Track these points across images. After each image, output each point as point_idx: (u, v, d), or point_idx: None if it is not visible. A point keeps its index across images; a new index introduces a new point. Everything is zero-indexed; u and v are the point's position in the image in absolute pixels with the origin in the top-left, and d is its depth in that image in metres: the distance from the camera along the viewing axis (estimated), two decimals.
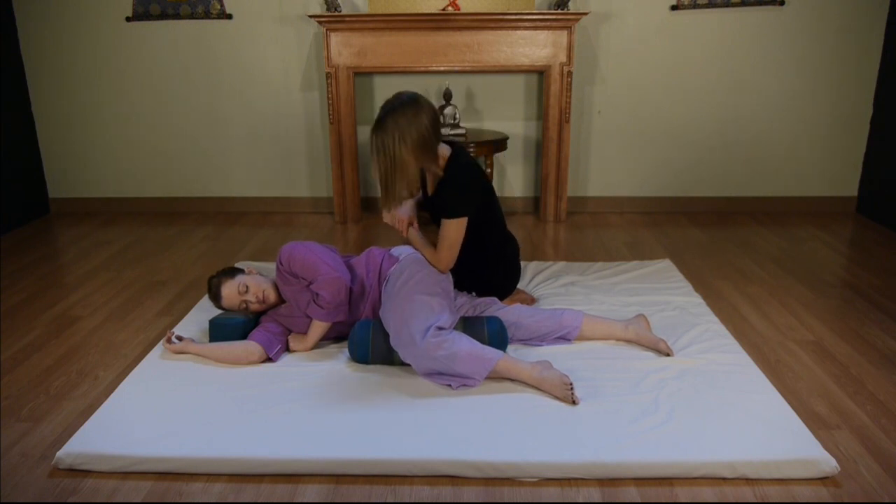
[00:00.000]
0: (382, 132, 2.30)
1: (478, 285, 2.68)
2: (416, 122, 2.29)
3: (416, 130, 2.29)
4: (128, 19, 4.13)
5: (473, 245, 2.57)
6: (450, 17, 3.83)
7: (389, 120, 2.29)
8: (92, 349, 2.58)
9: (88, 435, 1.94)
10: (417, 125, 2.29)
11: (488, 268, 2.67)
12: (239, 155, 4.38)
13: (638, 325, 2.47)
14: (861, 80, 4.06)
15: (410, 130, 2.28)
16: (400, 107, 2.31)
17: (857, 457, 1.88)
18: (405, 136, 2.28)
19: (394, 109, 2.30)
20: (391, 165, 2.31)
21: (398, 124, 2.28)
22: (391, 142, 2.28)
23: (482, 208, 2.52)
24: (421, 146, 2.32)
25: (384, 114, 2.31)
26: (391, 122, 2.29)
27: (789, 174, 4.26)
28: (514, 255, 2.76)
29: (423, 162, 2.39)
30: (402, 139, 2.28)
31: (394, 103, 2.32)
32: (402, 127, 2.28)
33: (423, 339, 2.12)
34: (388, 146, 2.29)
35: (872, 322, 2.72)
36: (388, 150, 2.29)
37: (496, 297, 2.69)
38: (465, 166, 2.45)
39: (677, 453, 1.82)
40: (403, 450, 1.85)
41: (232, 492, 1.78)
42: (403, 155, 2.29)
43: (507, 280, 2.75)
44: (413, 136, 2.29)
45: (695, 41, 4.04)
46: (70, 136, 4.39)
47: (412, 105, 2.32)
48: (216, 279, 2.52)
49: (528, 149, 4.32)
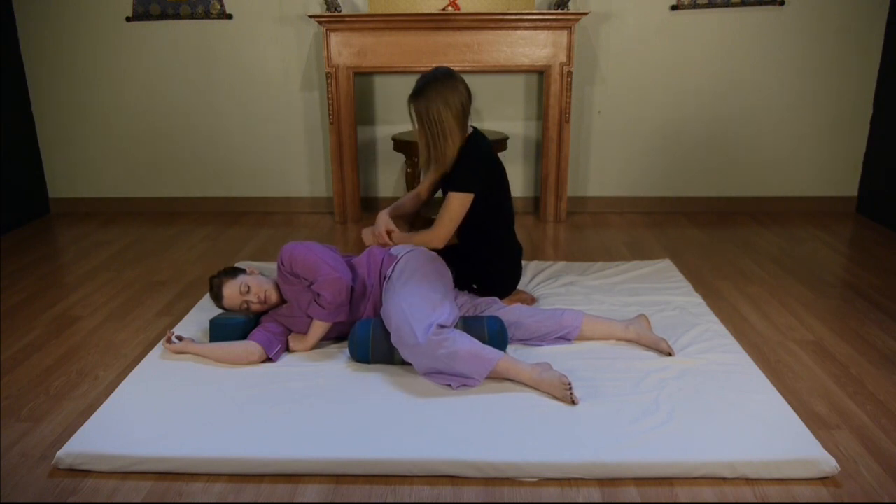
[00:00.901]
0: (426, 99, 2.46)
1: (481, 277, 2.69)
2: (457, 91, 2.47)
3: (458, 98, 2.47)
4: (128, 19, 4.13)
5: (480, 232, 2.63)
6: (450, 17, 3.83)
7: (432, 89, 2.46)
8: (92, 349, 2.58)
9: (88, 435, 1.94)
10: (459, 94, 2.47)
11: (493, 260, 2.69)
12: (239, 155, 4.38)
13: (639, 325, 2.47)
14: (861, 80, 4.06)
15: (454, 98, 2.46)
16: (442, 77, 2.48)
17: (857, 457, 1.88)
18: (449, 103, 2.45)
19: (435, 79, 2.47)
20: (437, 129, 2.47)
21: (441, 92, 2.45)
22: (436, 108, 2.45)
23: (492, 191, 2.58)
24: (462, 114, 2.49)
25: (425, 84, 2.47)
26: (434, 91, 2.45)
27: (789, 174, 4.26)
28: (517, 254, 2.78)
29: (460, 131, 2.52)
30: (446, 105, 2.44)
31: (434, 74, 2.49)
32: (446, 95, 2.45)
33: (425, 336, 2.12)
34: (433, 112, 2.45)
35: (872, 322, 2.72)
36: (433, 115, 2.45)
37: (497, 294, 2.70)
38: (482, 145, 2.57)
39: (677, 453, 1.82)
40: (403, 450, 1.85)
41: (232, 492, 1.78)
42: (449, 120, 2.46)
43: (509, 277, 2.76)
44: (456, 104, 2.46)
45: (695, 41, 4.04)
46: (70, 136, 4.39)
47: (451, 76, 2.49)
48: (217, 279, 2.52)
49: (528, 149, 4.32)
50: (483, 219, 2.61)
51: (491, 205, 2.60)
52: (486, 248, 2.67)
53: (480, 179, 2.52)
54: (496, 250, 2.69)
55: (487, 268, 2.69)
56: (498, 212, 2.65)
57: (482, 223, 2.63)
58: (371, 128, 4.29)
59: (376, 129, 4.29)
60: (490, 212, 2.62)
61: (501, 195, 2.65)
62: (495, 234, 2.67)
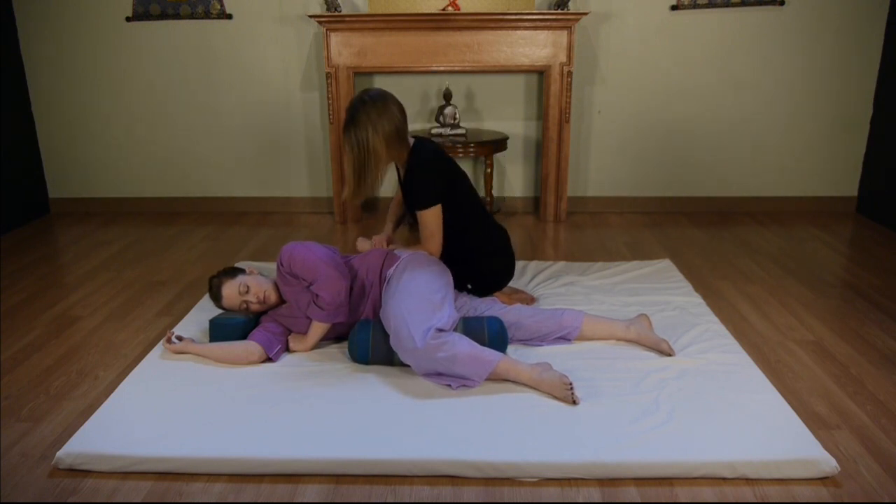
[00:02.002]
0: (356, 126, 2.39)
1: (474, 272, 2.68)
2: (387, 114, 2.40)
3: (389, 121, 2.40)
4: (128, 19, 4.13)
5: (456, 231, 2.61)
6: (450, 17, 3.83)
7: (361, 114, 2.39)
8: (92, 349, 2.58)
9: (88, 435, 1.94)
10: (389, 116, 2.40)
11: (480, 251, 2.68)
12: (239, 155, 4.38)
13: (640, 325, 2.47)
14: (861, 80, 4.06)
15: (383, 122, 2.39)
16: (370, 101, 2.41)
17: (857, 457, 1.88)
18: (377, 128, 2.38)
19: (364, 104, 2.40)
20: (365, 157, 2.40)
21: (370, 117, 2.38)
22: (365, 134, 2.38)
23: (452, 192, 2.56)
24: (394, 137, 2.42)
25: (354, 110, 2.41)
26: (363, 116, 2.39)
27: (789, 174, 4.26)
28: (502, 238, 2.75)
29: (395, 153, 2.48)
30: (375, 131, 2.38)
31: (363, 98, 2.42)
32: (374, 119, 2.38)
33: (423, 340, 2.12)
34: (361, 139, 2.38)
35: (872, 322, 2.72)
36: (362, 142, 2.39)
37: (495, 284, 2.71)
38: (424, 156, 2.52)
39: (677, 453, 1.82)
40: (403, 450, 1.85)
41: (232, 492, 1.78)
42: (377, 146, 2.39)
43: (501, 264, 2.74)
44: (386, 128, 2.39)
45: (695, 41, 4.04)
46: (70, 136, 4.39)
47: (381, 99, 2.42)
48: (217, 279, 2.52)
49: (528, 149, 4.32)
50: (454, 218, 2.61)
51: (455, 203, 2.60)
52: (466, 243, 2.66)
53: (438, 189, 2.51)
54: (477, 243, 2.68)
55: (475, 263, 2.68)
56: (464, 207, 2.65)
57: (455, 222, 2.63)
58: None
59: None
60: (457, 209, 2.61)
61: (460, 191, 2.63)
62: (469, 228, 2.67)
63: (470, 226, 2.66)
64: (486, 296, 2.70)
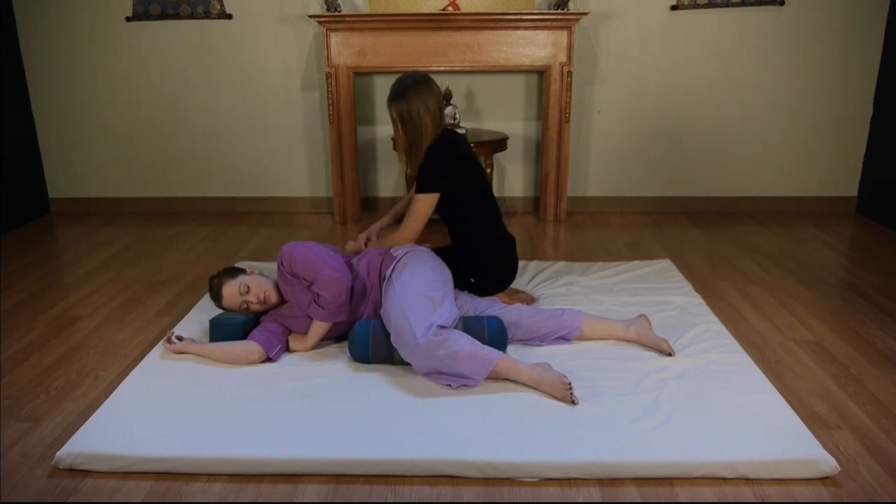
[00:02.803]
0: (408, 101, 2.53)
1: (477, 271, 2.69)
2: (434, 94, 2.55)
3: (435, 101, 2.55)
4: (128, 19, 4.13)
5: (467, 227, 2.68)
6: (450, 17, 3.83)
7: (412, 91, 2.52)
8: (92, 349, 2.58)
9: (88, 435, 1.94)
10: (436, 96, 2.55)
11: (486, 252, 2.70)
12: (239, 155, 4.38)
13: (640, 325, 2.47)
14: (861, 80, 4.06)
15: (431, 100, 2.54)
16: (420, 80, 2.54)
17: (857, 457, 1.88)
18: (428, 105, 2.53)
19: (415, 82, 2.54)
20: (416, 131, 2.54)
21: (420, 94, 2.52)
22: (416, 109, 2.52)
23: (467, 186, 2.62)
24: (438, 118, 2.57)
25: (403, 87, 2.53)
26: (413, 93, 2.52)
27: (789, 174, 4.26)
28: (509, 244, 2.78)
29: (434, 135, 2.59)
30: (426, 108, 2.52)
31: (412, 77, 2.56)
32: (425, 97, 2.52)
33: (425, 337, 2.12)
34: (414, 112, 2.52)
35: (872, 322, 2.72)
36: (414, 115, 2.52)
37: (495, 286, 2.73)
38: (448, 145, 2.61)
39: (677, 453, 1.82)
40: (403, 450, 1.85)
41: (232, 492, 1.78)
42: (427, 122, 2.54)
43: (504, 268, 2.76)
44: (433, 106, 2.54)
45: (695, 41, 4.04)
46: (70, 136, 4.39)
47: (427, 80, 2.57)
48: (217, 279, 2.52)
49: (528, 149, 4.32)
50: (467, 214, 2.67)
51: (469, 199, 2.64)
52: (477, 241, 2.70)
53: (446, 179, 2.57)
54: (487, 242, 2.70)
55: (481, 261, 2.70)
56: (479, 205, 2.68)
57: (467, 218, 2.68)
58: (371, 128, 4.29)
59: (376, 129, 4.29)
60: (471, 206, 2.66)
61: (478, 189, 2.67)
62: (482, 226, 2.70)
63: (481, 223, 2.70)
64: (486, 295, 2.71)
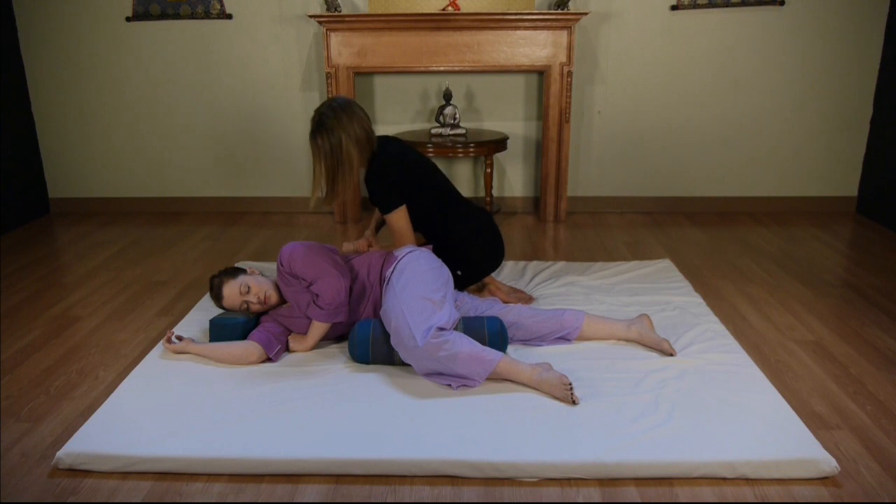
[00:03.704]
0: (328, 132, 2.44)
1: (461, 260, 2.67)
2: (357, 119, 2.47)
3: (360, 126, 2.47)
4: (128, 19, 4.13)
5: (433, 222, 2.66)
6: (450, 17, 3.83)
7: (332, 120, 2.44)
8: (92, 349, 2.58)
9: (88, 435, 1.94)
10: (359, 121, 2.47)
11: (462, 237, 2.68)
12: (239, 155, 4.38)
13: (641, 324, 2.46)
14: (861, 80, 4.06)
15: (354, 127, 2.45)
16: (339, 107, 2.46)
17: (857, 457, 1.88)
18: (350, 133, 2.44)
19: (333, 110, 2.45)
20: (338, 162, 2.46)
21: (341, 122, 2.44)
22: (338, 139, 2.43)
23: (419, 188, 2.60)
24: (365, 141, 2.49)
25: (324, 116, 2.45)
26: (334, 122, 2.44)
27: (789, 174, 4.26)
28: (483, 221, 2.75)
29: (365, 157, 2.54)
30: (347, 136, 2.43)
31: (331, 105, 2.47)
32: (346, 124, 2.44)
33: (424, 339, 2.12)
34: (335, 144, 2.43)
35: (872, 322, 2.72)
36: (335, 147, 2.43)
37: (477, 273, 2.73)
38: (380, 162, 2.55)
39: (677, 453, 1.82)
40: (403, 450, 1.85)
41: (232, 492, 1.78)
42: (350, 151, 2.45)
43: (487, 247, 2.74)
44: (357, 133, 2.46)
45: (695, 41, 4.04)
46: (70, 136, 4.39)
47: (349, 105, 2.49)
48: (218, 279, 2.52)
49: (528, 149, 4.32)
50: (429, 210, 2.65)
51: (425, 197, 2.63)
52: (448, 233, 2.68)
53: (398, 190, 2.55)
54: (458, 227, 2.68)
55: (459, 250, 2.67)
56: (438, 198, 2.67)
57: (430, 214, 2.66)
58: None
59: (377, 130, 4.25)
60: (430, 202, 2.64)
61: (430, 185, 2.65)
62: (449, 214, 2.68)
63: (444, 216, 2.68)
64: (473, 283, 2.71)
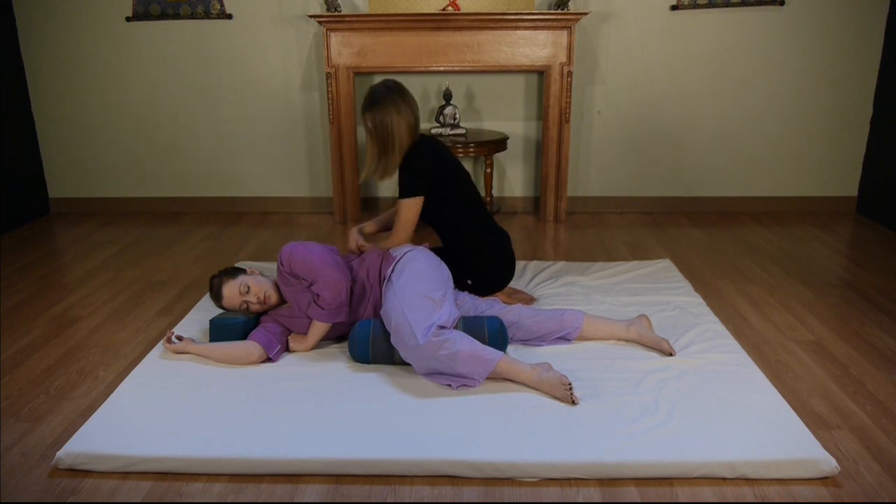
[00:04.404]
0: (382, 108, 2.52)
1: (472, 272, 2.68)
2: (408, 103, 2.55)
3: (410, 110, 2.54)
4: (128, 19, 4.13)
5: (454, 228, 2.68)
6: (450, 17, 3.83)
7: (387, 98, 2.52)
8: (92, 349, 2.58)
9: (88, 435, 1.94)
10: (410, 105, 2.55)
11: (478, 252, 2.69)
12: (239, 155, 4.38)
13: (640, 325, 2.47)
14: (861, 80, 4.06)
15: (406, 109, 2.53)
16: (394, 87, 2.55)
17: (857, 457, 1.88)
18: (402, 113, 2.52)
19: (389, 90, 2.54)
20: (389, 138, 2.53)
21: (395, 102, 2.52)
22: (390, 117, 2.51)
23: (445, 188, 2.61)
24: (413, 126, 2.59)
25: (379, 94, 2.53)
26: (388, 100, 2.52)
27: (789, 174, 4.26)
28: (502, 241, 2.76)
29: (409, 143, 2.58)
30: (399, 115, 2.51)
31: (386, 84, 2.56)
32: (399, 105, 2.52)
33: (425, 338, 2.12)
34: (387, 120, 2.51)
35: (872, 322, 2.72)
36: (387, 123, 2.51)
37: (493, 285, 2.73)
38: (419, 150, 2.60)
39: (677, 453, 1.82)
40: (403, 450, 1.85)
41: (232, 492, 1.78)
42: (400, 130, 2.53)
43: (499, 266, 2.74)
44: (407, 115, 2.53)
45: (695, 41, 4.04)
46: (70, 136, 4.39)
47: (402, 89, 2.57)
48: (218, 279, 2.52)
49: (528, 149, 4.32)
50: (452, 216, 2.66)
51: (452, 201, 2.64)
52: (466, 244, 2.68)
53: (424, 180, 2.57)
54: (477, 244, 2.69)
55: (474, 263, 2.68)
56: (463, 207, 2.68)
57: (453, 221, 2.67)
58: None
59: None
60: (455, 208, 2.66)
61: (459, 190, 2.66)
62: (470, 228, 2.69)
63: (468, 222, 2.69)
64: (486, 295, 2.70)
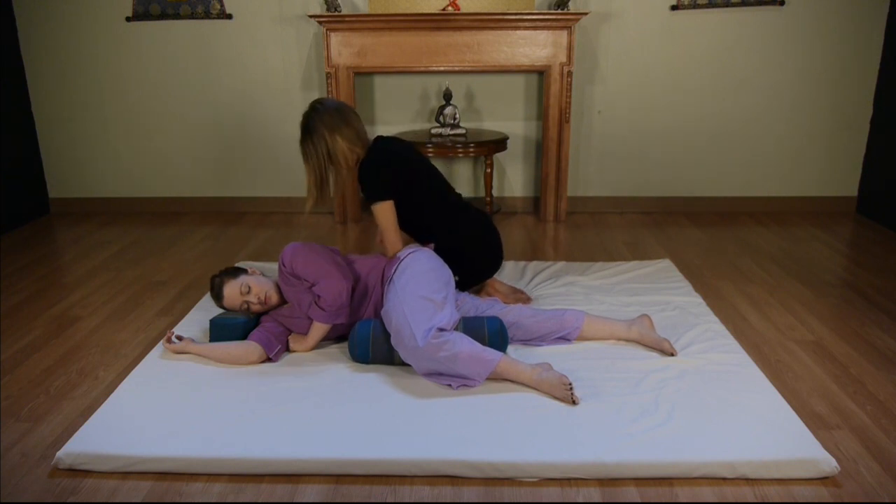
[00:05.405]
0: (312, 134, 2.46)
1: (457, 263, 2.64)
2: (343, 118, 2.46)
3: (346, 126, 2.46)
4: (128, 19, 4.13)
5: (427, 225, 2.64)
6: (450, 17, 3.83)
7: (317, 122, 2.45)
8: (92, 349, 2.58)
9: (88, 435, 1.94)
10: (346, 120, 2.47)
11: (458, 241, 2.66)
12: (239, 155, 4.38)
13: (641, 325, 2.46)
14: (861, 80, 4.06)
15: (340, 127, 2.45)
16: (323, 109, 2.47)
17: (857, 457, 1.88)
18: (335, 132, 2.44)
19: (317, 112, 2.47)
20: (325, 163, 2.47)
21: (325, 123, 2.44)
22: (322, 141, 2.44)
23: (410, 186, 2.57)
24: (355, 139, 2.48)
25: (309, 119, 2.46)
26: (318, 124, 2.45)
27: (789, 174, 4.26)
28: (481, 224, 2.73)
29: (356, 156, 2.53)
30: (332, 135, 2.44)
31: (314, 107, 2.49)
32: (330, 125, 2.44)
33: (425, 340, 2.12)
34: (319, 146, 2.45)
35: (872, 322, 2.72)
36: (320, 149, 2.45)
37: (473, 278, 2.72)
38: (375, 153, 2.54)
39: (677, 453, 1.82)
40: (403, 450, 1.85)
41: (232, 492, 1.78)
42: (336, 151, 2.46)
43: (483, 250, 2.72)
44: (344, 132, 2.46)
45: (695, 41, 4.04)
46: (70, 136, 4.39)
47: (335, 105, 2.51)
48: (219, 278, 2.52)
49: (528, 149, 4.31)
50: (422, 211, 2.63)
51: (418, 195, 2.60)
52: (445, 238, 2.65)
53: (388, 182, 2.52)
54: (456, 236, 2.66)
55: (456, 255, 2.64)
56: (434, 201, 2.65)
57: (423, 215, 2.64)
58: (371, 128, 4.29)
59: (376, 130, 4.29)
60: (423, 202, 2.62)
61: (422, 183, 2.63)
62: (445, 221, 2.66)
63: (436, 219, 2.66)
64: (470, 287, 2.69)
